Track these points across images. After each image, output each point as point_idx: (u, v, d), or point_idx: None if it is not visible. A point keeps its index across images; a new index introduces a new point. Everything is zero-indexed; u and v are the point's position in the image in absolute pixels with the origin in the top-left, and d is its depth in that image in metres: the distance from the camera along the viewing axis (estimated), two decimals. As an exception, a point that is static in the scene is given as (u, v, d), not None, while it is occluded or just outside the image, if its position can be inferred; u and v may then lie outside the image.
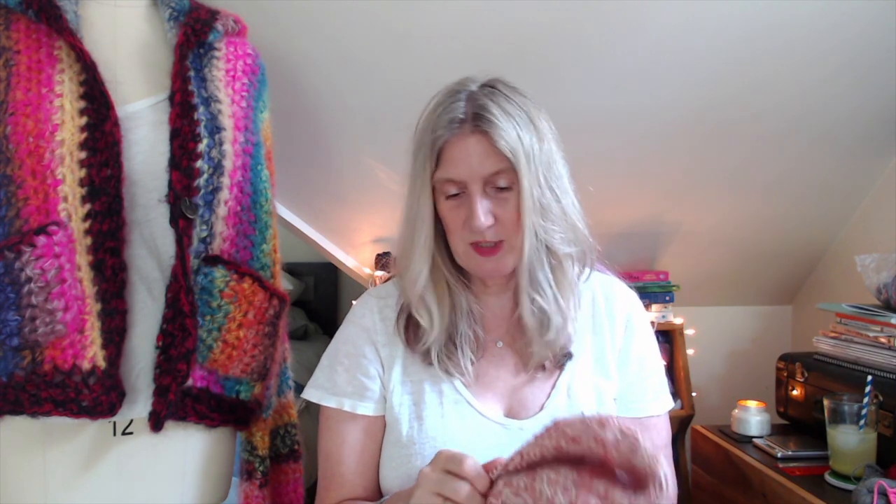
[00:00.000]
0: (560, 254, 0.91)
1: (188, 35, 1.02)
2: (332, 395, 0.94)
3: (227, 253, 1.02)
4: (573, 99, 1.56)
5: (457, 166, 0.86)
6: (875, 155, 1.83)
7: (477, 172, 0.86)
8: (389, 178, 1.72)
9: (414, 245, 0.90)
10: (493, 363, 0.95)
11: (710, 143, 1.74)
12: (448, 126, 0.86)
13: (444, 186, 0.88)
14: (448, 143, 0.86)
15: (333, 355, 0.97)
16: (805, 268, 2.18)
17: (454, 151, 0.86)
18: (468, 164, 0.86)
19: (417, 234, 0.89)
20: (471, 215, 0.86)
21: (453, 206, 0.89)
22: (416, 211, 0.89)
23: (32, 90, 0.92)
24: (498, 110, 0.86)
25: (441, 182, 0.88)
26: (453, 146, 0.86)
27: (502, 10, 1.36)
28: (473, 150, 0.86)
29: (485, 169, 0.86)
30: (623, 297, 1.01)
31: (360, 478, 0.93)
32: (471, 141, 0.86)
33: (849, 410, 1.34)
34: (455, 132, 0.86)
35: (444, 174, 0.87)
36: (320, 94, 1.52)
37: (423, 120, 0.90)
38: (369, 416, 0.93)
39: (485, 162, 0.85)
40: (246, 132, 1.06)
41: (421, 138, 0.89)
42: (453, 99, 0.88)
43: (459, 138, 0.86)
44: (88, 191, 0.93)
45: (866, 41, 1.49)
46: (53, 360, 0.90)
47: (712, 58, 1.50)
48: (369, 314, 0.97)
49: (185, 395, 0.98)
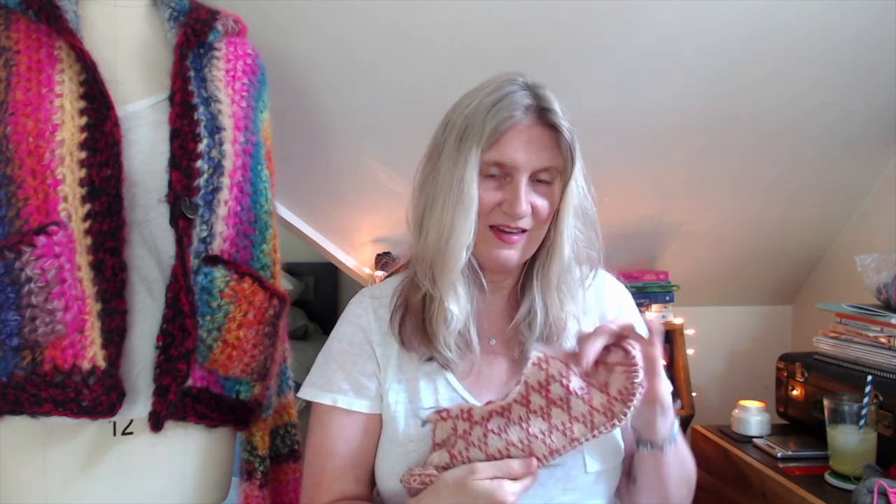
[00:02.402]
0: (583, 258, 0.95)
1: (188, 35, 1.02)
2: (326, 391, 0.94)
3: (227, 253, 1.02)
4: (573, 99, 1.53)
5: (516, 151, 0.87)
6: (875, 155, 1.83)
7: (532, 162, 0.87)
8: (389, 178, 1.72)
9: (457, 225, 0.87)
10: (486, 360, 0.95)
11: (710, 143, 1.74)
12: (515, 109, 0.86)
13: (489, 168, 0.88)
14: (513, 127, 0.87)
15: (328, 353, 0.97)
16: (805, 268, 2.18)
17: (517, 138, 0.87)
18: (526, 152, 0.87)
19: (463, 213, 0.87)
20: (514, 201, 0.87)
21: (490, 187, 0.89)
22: (462, 189, 0.87)
23: (32, 90, 0.92)
24: (560, 108, 0.89)
25: (488, 164, 0.88)
26: (518, 132, 0.87)
27: (502, 10, 1.36)
28: (537, 139, 0.88)
29: (541, 161, 0.88)
30: (613, 289, 1.03)
31: (352, 471, 0.92)
32: (536, 131, 0.88)
33: (849, 410, 1.34)
34: (521, 119, 0.87)
35: (497, 156, 0.87)
36: (320, 94, 1.52)
37: (476, 102, 0.88)
38: (364, 413, 0.93)
39: (542, 154, 0.87)
40: (246, 132, 1.06)
41: (472, 118, 0.88)
42: (511, 88, 0.88)
43: (526, 126, 0.87)
44: (88, 191, 0.93)
45: (866, 41, 1.49)
46: (53, 360, 0.90)
47: (712, 58, 1.50)
48: (365, 314, 0.97)
49: (185, 395, 0.98)
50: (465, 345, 0.92)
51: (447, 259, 0.88)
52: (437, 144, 0.92)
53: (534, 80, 0.91)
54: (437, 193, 0.89)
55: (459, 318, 0.90)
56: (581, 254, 0.95)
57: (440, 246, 0.88)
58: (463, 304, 0.91)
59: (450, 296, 0.90)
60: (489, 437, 0.83)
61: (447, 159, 0.89)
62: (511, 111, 0.86)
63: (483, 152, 0.87)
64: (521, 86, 0.89)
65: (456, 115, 0.90)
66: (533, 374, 0.86)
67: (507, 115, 0.86)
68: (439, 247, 0.89)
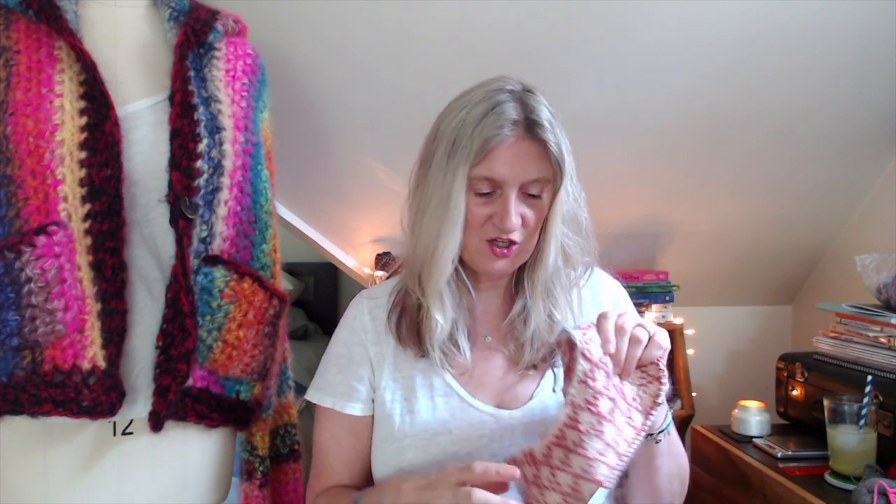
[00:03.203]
0: (575, 262, 0.95)
1: (188, 35, 1.02)
2: (326, 395, 0.99)
3: (227, 253, 1.02)
4: (573, 99, 1.56)
5: (504, 166, 0.86)
6: (875, 155, 1.83)
7: (520, 176, 0.87)
8: (389, 178, 1.72)
9: (443, 238, 0.89)
10: (482, 357, 0.96)
11: (710, 143, 1.74)
12: (502, 125, 0.86)
13: (479, 184, 0.88)
14: (501, 143, 0.86)
15: (328, 357, 1.02)
16: (805, 268, 2.18)
17: (506, 152, 0.86)
18: (514, 167, 0.86)
19: (449, 227, 0.88)
20: (504, 215, 0.87)
21: (481, 202, 0.89)
22: (449, 203, 0.88)
23: (32, 90, 0.92)
24: (548, 119, 0.88)
25: (477, 179, 0.88)
26: (506, 148, 0.86)
27: (502, 10, 1.36)
28: (525, 154, 0.87)
29: (529, 175, 0.87)
30: (608, 286, 1.04)
31: (346, 469, 0.98)
32: (524, 145, 0.87)
33: (849, 410, 1.34)
34: (509, 134, 0.86)
35: (485, 171, 0.87)
36: (320, 94, 1.52)
37: (464, 114, 0.88)
38: (356, 416, 0.97)
39: (530, 168, 0.87)
40: (246, 132, 1.06)
41: (460, 130, 0.87)
42: (500, 98, 0.87)
43: (514, 141, 0.86)
44: (88, 191, 0.93)
45: (866, 41, 1.49)
46: (53, 360, 0.90)
47: (712, 58, 1.50)
48: (359, 315, 1.00)
49: (185, 395, 0.98)
50: (455, 347, 0.94)
51: (433, 270, 0.90)
52: (427, 153, 0.93)
53: (524, 86, 0.90)
54: (427, 204, 0.90)
55: (445, 328, 0.92)
56: (572, 259, 0.95)
57: (427, 257, 0.90)
58: (449, 313, 0.92)
59: (436, 305, 0.92)
60: (557, 475, 0.80)
61: (436, 171, 0.89)
62: (498, 127, 0.85)
63: (472, 168, 0.87)
64: (509, 95, 0.88)
65: (445, 124, 0.90)
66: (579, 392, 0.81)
67: (494, 133, 0.85)
68: (426, 258, 0.91)
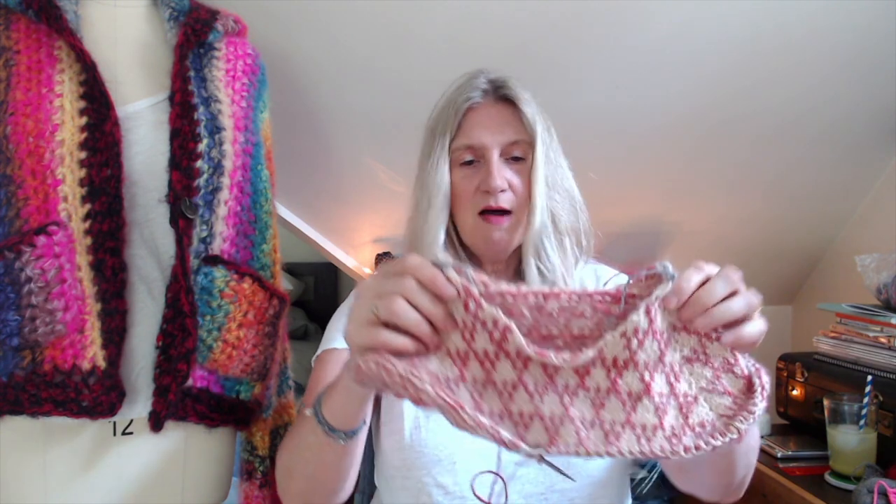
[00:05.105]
0: (564, 228, 0.95)
1: (188, 35, 1.02)
2: (333, 341, 0.95)
3: (227, 253, 1.02)
4: (573, 98, 1.56)
5: (481, 130, 0.90)
6: (875, 155, 1.83)
7: (497, 139, 0.90)
8: (389, 178, 1.72)
9: (429, 214, 0.91)
10: None
11: (710, 143, 1.74)
12: (472, 93, 0.92)
13: (461, 154, 0.92)
14: (472, 109, 0.92)
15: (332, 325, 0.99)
16: (805, 268, 2.18)
17: (478, 117, 0.91)
18: (490, 129, 0.90)
19: (433, 202, 0.91)
20: (487, 176, 0.90)
21: (467, 174, 0.92)
22: (433, 180, 0.92)
23: (32, 90, 0.92)
24: (519, 87, 0.93)
25: (459, 150, 0.92)
26: (477, 113, 0.92)
27: (502, 9, 1.36)
28: (498, 116, 0.92)
29: (506, 136, 0.91)
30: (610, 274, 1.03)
31: None
32: (494, 109, 0.92)
33: (849, 410, 1.35)
34: (479, 100, 0.92)
35: (464, 140, 0.91)
36: (320, 93, 1.52)
37: (443, 100, 0.95)
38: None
39: (506, 129, 0.91)
40: (246, 132, 1.06)
41: (440, 114, 0.94)
42: (473, 75, 0.94)
43: (484, 106, 0.92)
44: (88, 191, 0.93)
45: (866, 41, 1.49)
46: (53, 360, 0.90)
47: (712, 58, 1.50)
48: None
49: (185, 395, 0.98)
50: None
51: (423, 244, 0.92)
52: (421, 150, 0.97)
53: (497, 74, 0.95)
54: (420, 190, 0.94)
55: None
56: (563, 224, 0.95)
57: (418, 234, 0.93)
58: None
59: None
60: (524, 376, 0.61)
61: (424, 158, 0.94)
62: (469, 96, 0.92)
63: (451, 141, 0.91)
64: (482, 73, 0.95)
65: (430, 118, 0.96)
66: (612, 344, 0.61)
67: (465, 100, 0.91)
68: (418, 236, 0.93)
